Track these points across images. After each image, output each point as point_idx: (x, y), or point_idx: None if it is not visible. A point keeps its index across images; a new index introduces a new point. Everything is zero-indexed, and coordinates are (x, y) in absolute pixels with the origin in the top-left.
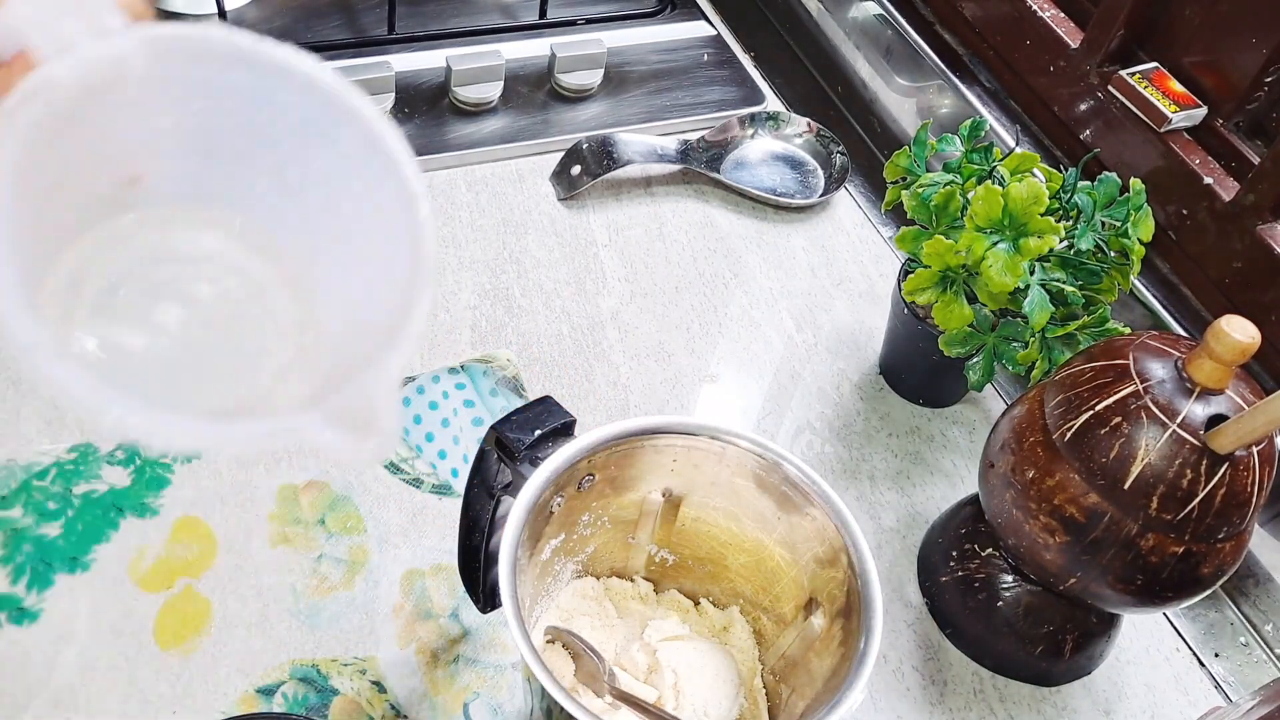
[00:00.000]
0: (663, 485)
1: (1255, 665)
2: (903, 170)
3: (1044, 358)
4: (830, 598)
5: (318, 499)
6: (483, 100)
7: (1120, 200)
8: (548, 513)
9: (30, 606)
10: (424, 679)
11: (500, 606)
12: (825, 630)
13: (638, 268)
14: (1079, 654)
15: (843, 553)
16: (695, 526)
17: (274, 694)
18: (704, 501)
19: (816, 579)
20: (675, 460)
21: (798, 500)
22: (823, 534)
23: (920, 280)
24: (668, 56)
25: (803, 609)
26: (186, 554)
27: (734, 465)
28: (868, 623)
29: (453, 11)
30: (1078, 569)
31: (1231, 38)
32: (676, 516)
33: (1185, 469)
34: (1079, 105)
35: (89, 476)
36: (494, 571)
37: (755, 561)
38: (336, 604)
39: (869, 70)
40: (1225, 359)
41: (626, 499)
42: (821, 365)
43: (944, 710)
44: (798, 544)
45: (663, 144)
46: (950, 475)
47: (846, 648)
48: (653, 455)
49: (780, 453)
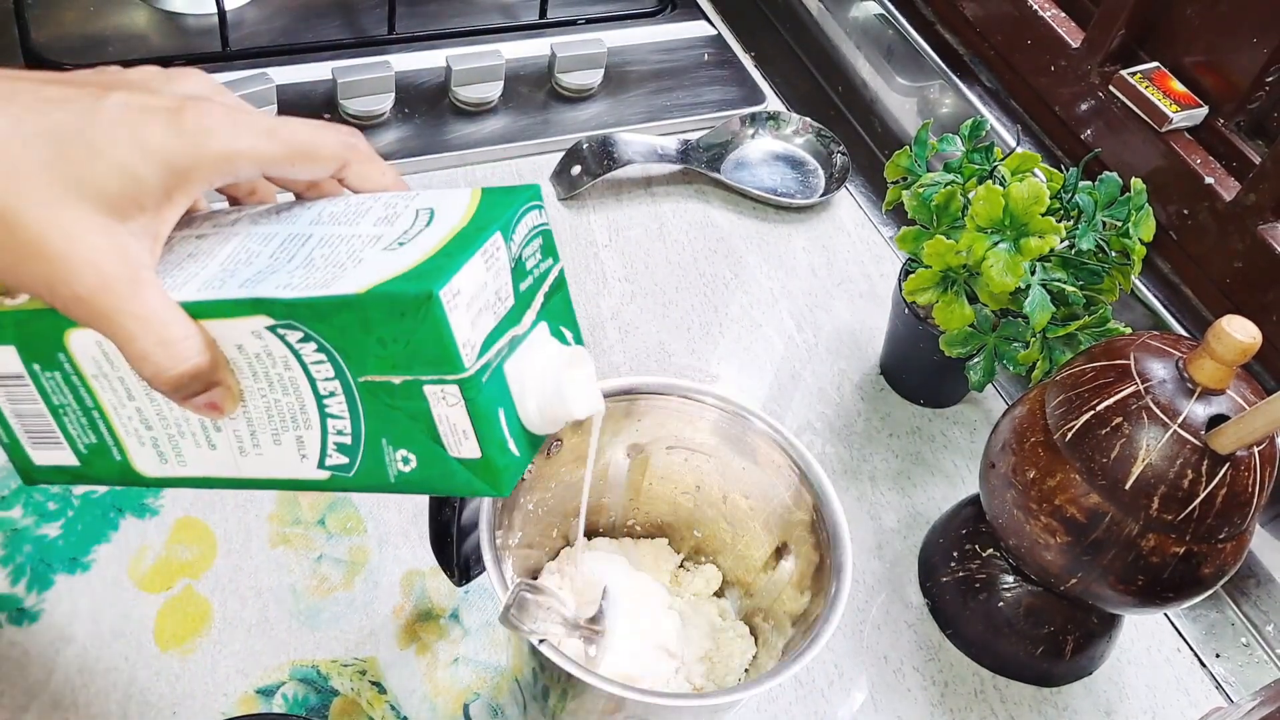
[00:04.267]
0: (627, 445)
1: (1256, 665)
2: (903, 170)
3: (1045, 358)
4: (799, 540)
5: (318, 499)
6: (483, 100)
7: (1121, 200)
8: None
9: (30, 607)
10: (424, 680)
11: (474, 579)
12: (799, 572)
13: (638, 268)
14: (1080, 655)
15: (807, 493)
16: (661, 484)
17: (274, 695)
18: (669, 459)
19: (786, 525)
20: (640, 420)
21: (763, 449)
22: (788, 480)
23: (921, 280)
24: (668, 56)
25: (775, 554)
26: (186, 554)
27: (696, 420)
28: (838, 560)
29: (453, 11)
30: (1079, 569)
31: (1232, 38)
32: (644, 476)
33: (1186, 469)
34: (1080, 105)
35: None
36: (467, 543)
37: (723, 514)
38: (336, 605)
39: (870, 70)
40: (1226, 359)
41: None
42: (822, 365)
43: (944, 711)
44: (765, 492)
45: (663, 144)
46: (951, 476)
47: (820, 585)
48: (618, 417)
49: (743, 406)
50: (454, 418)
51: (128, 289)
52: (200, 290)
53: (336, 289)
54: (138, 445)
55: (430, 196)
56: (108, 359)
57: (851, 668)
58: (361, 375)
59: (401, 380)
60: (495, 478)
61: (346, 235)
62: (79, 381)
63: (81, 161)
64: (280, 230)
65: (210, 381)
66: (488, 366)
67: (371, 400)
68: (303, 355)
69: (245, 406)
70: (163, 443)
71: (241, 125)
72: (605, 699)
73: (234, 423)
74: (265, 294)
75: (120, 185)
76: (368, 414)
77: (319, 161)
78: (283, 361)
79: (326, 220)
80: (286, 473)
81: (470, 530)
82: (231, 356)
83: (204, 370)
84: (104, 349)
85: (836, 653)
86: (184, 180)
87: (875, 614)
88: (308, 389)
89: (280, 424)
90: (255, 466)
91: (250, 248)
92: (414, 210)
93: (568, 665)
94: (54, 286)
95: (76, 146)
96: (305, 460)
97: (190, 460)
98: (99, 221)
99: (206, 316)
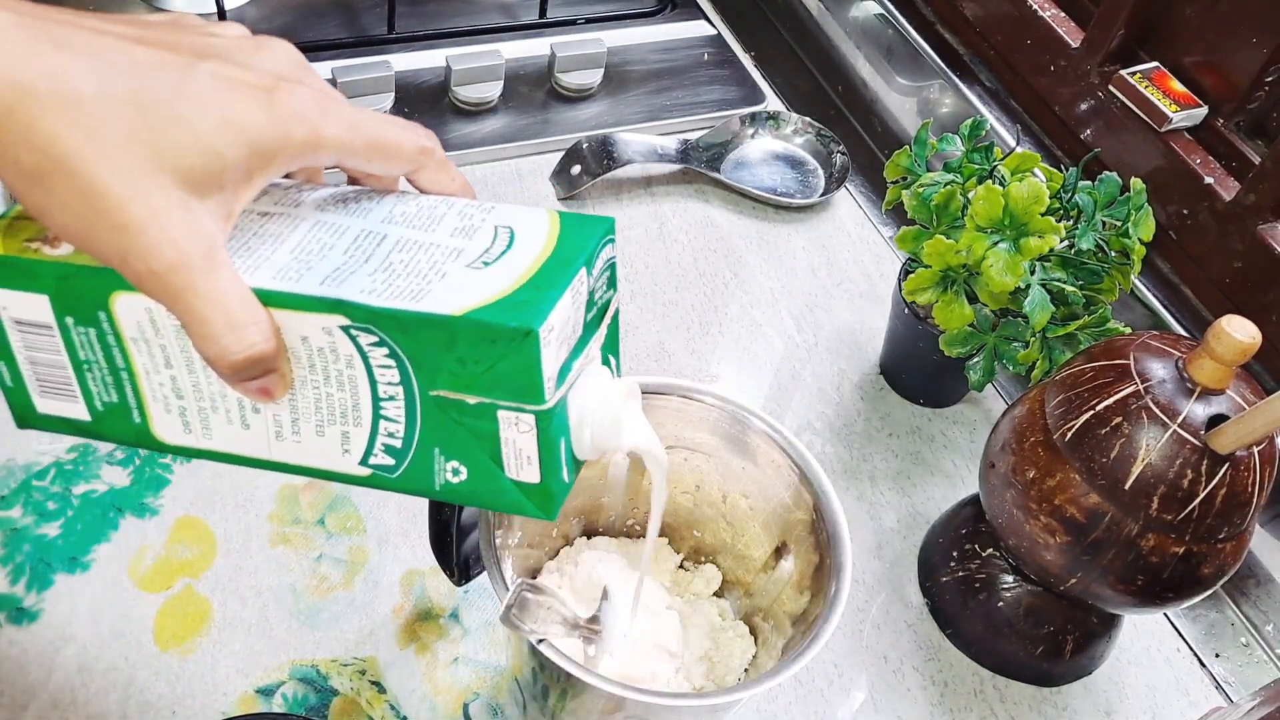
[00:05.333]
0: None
1: (1256, 665)
2: (903, 170)
3: (1044, 358)
4: (799, 540)
5: (317, 499)
6: (483, 100)
7: (1121, 200)
8: None
9: (30, 606)
10: (424, 679)
11: (474, 578)
12: (799, 572)
13: (638, 268)
14: (1080, 654)
15: (806, 493)
16: None
17: (274, 694)
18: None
19: (785, 525)
20: None
21: (763, 449)
22: (787, 480)
23: (921, 280)
24: (668, 56)
25: (775, 554)
26: (186, 554)
27: (696, 420)
28: (837, 560)
29: (453, 11)
30: (1078, 569)
31: (1232, 37)
32: (644, 476)
33: (1186, 469)
34: (1080, 105)
35: (88, 476)
36: (466, 543)
37: (723, 514)
38: (336, 604)
39: (869, 70)
40: (1226, 359)
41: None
42: (822, 365)
43: (944, 711)
44: (765, 492)
45: (663, 144)
46: (951, 475)
47: (820, 585)
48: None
49: (743, 406)
50: (522, 443)
51: (203, 267)
52: (275, 279)
53: (426, 306)
54: (163, 412)
55: (506, 213)
56: (154, 326)
57: (851, 668)
58: (433, 389)
59: (476, 401)
60: (549, 503)
61: (424, 243)
62: (115, 342)
63: (168, 133)
64: (352, 224)
65: (269, 369)
66: (560, 398)
67: (436, 413)
68: (370, 358)
69: (293, 394)
70: (191, 413)
71: (330, 114)
72: (605, 699)
73: (276, 408)
74: (348, 297)
75: (204, 161)
76: (425, 423)
77: (397, 161)
78: (346, 360)
79: (400, 221)
80: (323, 463)
81: (470, 530)
82: (292, 346)
83: (268, 357)
84: (153, 316)
85: (836, 653)
86: (267, 163)
87: (875, 614)
88: (366, 389)
89: (328, 417)
90: (289, 452)
91: (322, 239)
92: (492, 227)
93: (568, 665)
94: (127, 258)
95: (164, 117)
96: (348, 455)
97: (217, 435)
98: (178, 196)
99: (278, 306)
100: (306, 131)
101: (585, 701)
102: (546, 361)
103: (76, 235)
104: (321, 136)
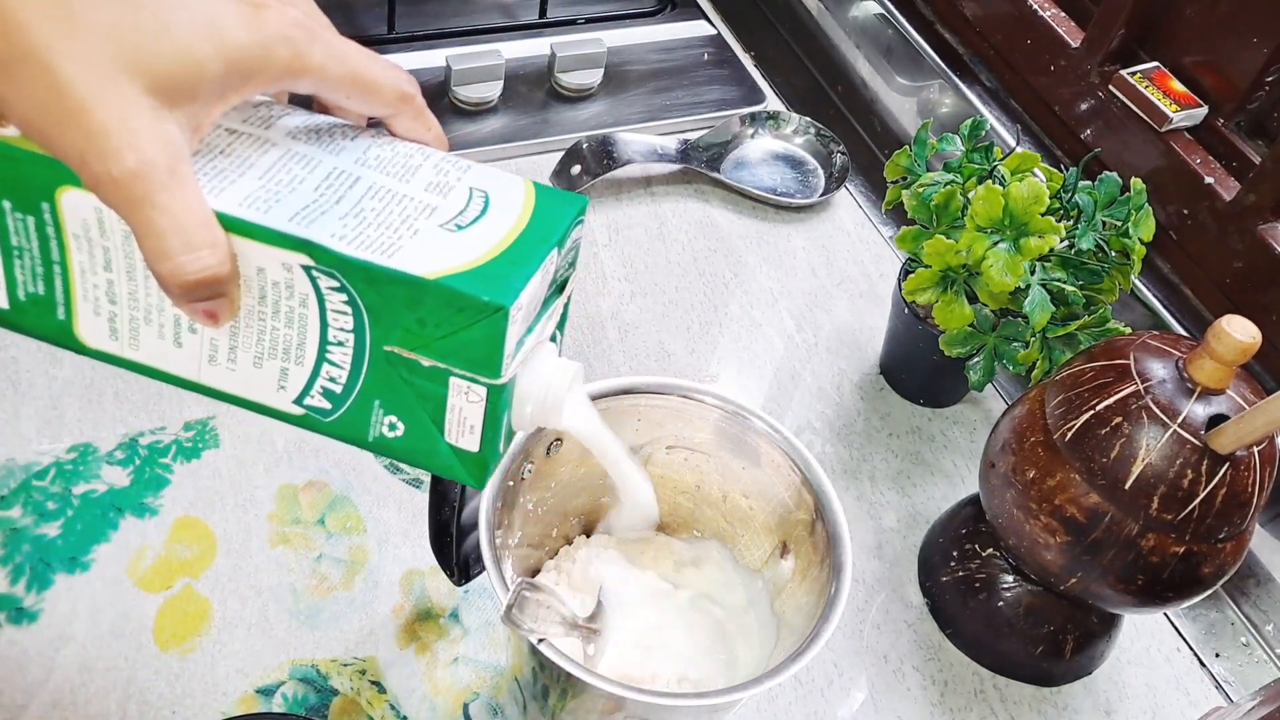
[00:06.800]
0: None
1: (1256, 665)
2: (903, 170)
3: (1044, 358)
4: (799, 540)
5: (317, 499)
6: (483, 100)
7: (1121, 200)
8: (519, 479)
9: (29, 606)
10: (424, 679)
11: (474, 578)
12: (799, 572)
13: (638, 268)
14: (1080, 654)
15: (807, 493)
16: (661, 483)
17: (273, 694)
18: (668, 459)
19: (785, 525)
20: (640, 420)
21: (763, 449)
22: (787, 480)
23: (921, 280)
24: (668, 56)
25: (775, 554)
26: (186, 554)
27: (696, 420)
28: (837, 560)
29: (452, 11)
30: (1078, 569)
31: (1232, 37)
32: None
33: (1186, 469)
34: (1080, 105)
35: (88, 476)
36: (466, 543)
37: (723, 514)
38: (336, 604)
39: (869, 70)
40: (1226, 359)
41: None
42: (822, 365)
43: (944, 710)
44: (765, 492)
45: (663, 143)
46: (951, 475)
47: (820, 584)
48: (617, 416)
49: (743, 406)
50: (468, 412)
51: (166, 181)
52: (242, 206)
53: (398, 263)
54: (91, 314)
55: (480, 175)
56: (100, 227)
57: (851, 667)
58: (386, 344)
59: (430, 364)
60: (482, 472)
61: (398, 193)
62: (54, 234)
63: (147, 36)
64: (324, 159)
65: (219, 293)
66: (513, 374)
67: (385, 367)
68: (327, 302)
69: (237, 322)
70: (121, 321)
71: (317, 40)
72: (605, 698)
73: (215, 332)
74: (317, 239)
75: (180, 69)
76: (371, 375)
77: (376, 101)
78: (301, 299)
79: (374, 165)
80: (254, 395)
81: (470, 530)
82: (246, 274)
83: (220, 281)
84: (101, 218)
85: (836, 652)
86: (245, 82)
87: (875, 614)
88: (316, 331)
89: (269, 350)
90: (219, 378)
91: (293, 170)
92: (467, 188)
93: (568, 665)
94: (86, 158)
95: (145, 19)
96: (282, 392)
97: (145, 347)
98: (148, 103)
99: (240, 234)
100: (289, 55)
101: (585, 701)
102: (509, 338)
103: (36, 129)
104: (305, 63)
